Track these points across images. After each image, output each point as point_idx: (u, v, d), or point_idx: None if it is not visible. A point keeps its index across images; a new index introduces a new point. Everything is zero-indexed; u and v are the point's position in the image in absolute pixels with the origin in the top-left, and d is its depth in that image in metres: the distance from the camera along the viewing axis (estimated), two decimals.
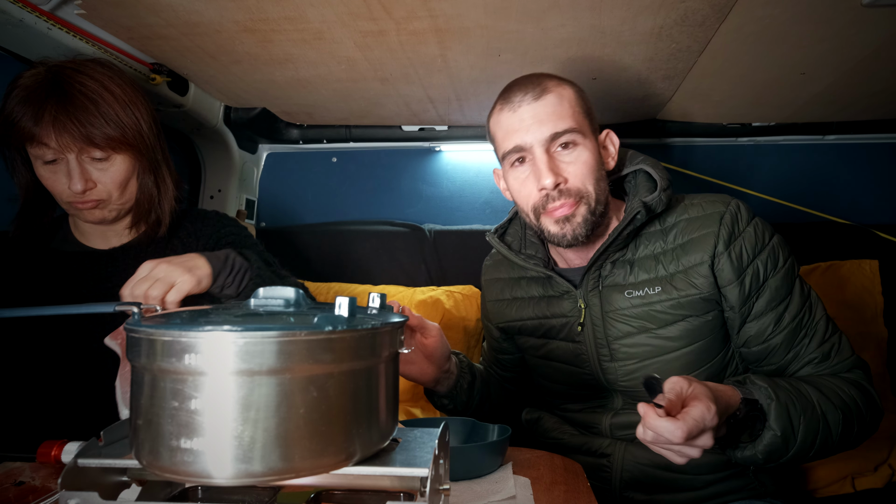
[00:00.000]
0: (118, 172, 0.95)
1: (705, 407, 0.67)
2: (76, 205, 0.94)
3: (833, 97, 1.42)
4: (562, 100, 0.90)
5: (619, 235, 0.91)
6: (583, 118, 0.92)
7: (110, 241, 1.04)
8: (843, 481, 1.19)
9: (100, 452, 0.48)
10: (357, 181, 1.88)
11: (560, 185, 0.89)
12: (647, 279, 0.93)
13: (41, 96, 0.89)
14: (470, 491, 0.71)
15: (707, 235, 0.90)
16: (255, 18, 1.03)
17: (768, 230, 0.92)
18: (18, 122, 0.89)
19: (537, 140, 0.89)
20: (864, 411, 0.85)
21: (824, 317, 0.91)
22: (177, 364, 0.41)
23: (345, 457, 0.44)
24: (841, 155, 1.74)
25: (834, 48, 1.14)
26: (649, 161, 0.99)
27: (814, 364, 0.89)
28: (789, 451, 0.80)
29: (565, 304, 1.00)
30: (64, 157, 0.92)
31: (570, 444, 1.03)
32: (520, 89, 0.91)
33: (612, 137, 0.99)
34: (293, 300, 0.51)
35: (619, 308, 0.94)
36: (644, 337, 0.93)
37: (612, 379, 0.97)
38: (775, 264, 0.90)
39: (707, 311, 0.91)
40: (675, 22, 1.04)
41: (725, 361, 0.95)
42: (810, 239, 1.60)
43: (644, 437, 0.70)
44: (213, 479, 0.41)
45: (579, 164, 0.90)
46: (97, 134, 0.90)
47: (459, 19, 1.03)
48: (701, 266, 0.90)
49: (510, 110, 0.91)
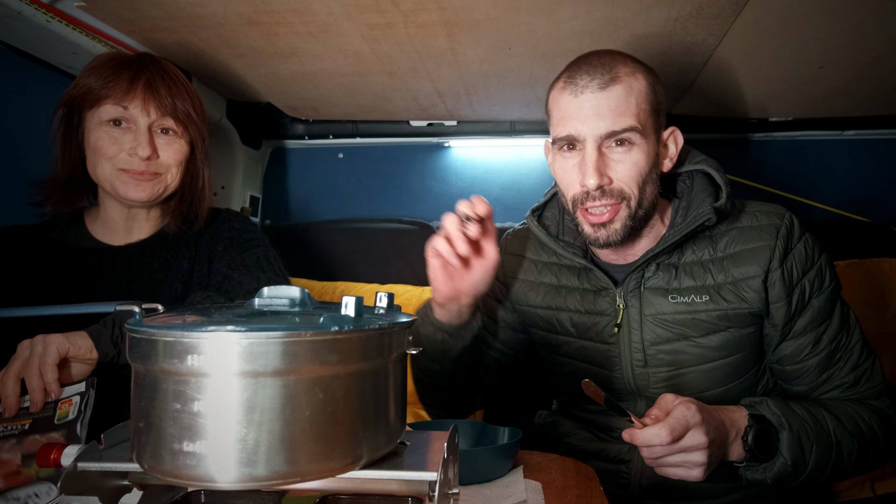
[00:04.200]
0: (180, 150, 1.00)
1: (685, 406, 0.73)
2: (132, 174, 0.96)
3: (852, 91, 1.40)
4: (630, 93, 0.83)
5: (679, 238, 0.88)
6: (648, 115, 0.85)
7: (131, 235, 1.04)
8: (863, 485, 1.19)
9: (100, 456, 0.48)
10: (364, 178, 1.87)
11: (604, 185, 0.84)
12: (692, 286, 0.89)
13: (139, 65, 0.96)
14: (480, 495, 0.70)
15: (762, 249, 0.87)
16: (259, 11, 1.02)
17: (817, 247, 0.90)
18: (105, 82, 0.92)
19: (592, 134, 0.83)
20: (882, 441, 0.85)
21: (860, 340, 0.90)
22: (179, 365, 0.40)
23: (351, 460, 0.44)
24: (860, 151, 1.71)
25: (853, 41, 1.12)
26: (712, 163, 0.93)
27: (844, 388, 0.89)
28: (799, 477, 0.82)
29: (602, 302, 0.95)
30: (134, 124, 0.95)
31: (587, 449, 1.00)
32: (587, 71, 0.84)
33: (677, 136, 0.92)
34: (298, 300, 0.50)
35: (660, 312, 0.90)
36: (683, 344, 0.90)
37: (642, 385, 0.93)
38: (821, 284, 0.88)
39: (750, 324, 0.89)
40: (689, 14, 1.02)
41: (758, 376, 0.94)
42: (829, 237, 1.57)
43: (648, 457, 0.74)
44: (217, 483, 0.40)
45: (629, 166, 0.84)
46: (181, 108, 0.98)
47: (469, 11, 1.01)
48: (753, 280, 0.86)
49: (572, 93, 0.84)
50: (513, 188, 1.82)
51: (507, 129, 1.69)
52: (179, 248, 1.05)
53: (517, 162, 1.82)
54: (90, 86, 0.93)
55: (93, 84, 0.93)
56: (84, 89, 0.93)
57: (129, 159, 0.95)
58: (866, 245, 1.55)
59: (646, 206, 0.88)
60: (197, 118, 1.01)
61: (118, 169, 0.95)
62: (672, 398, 0.76)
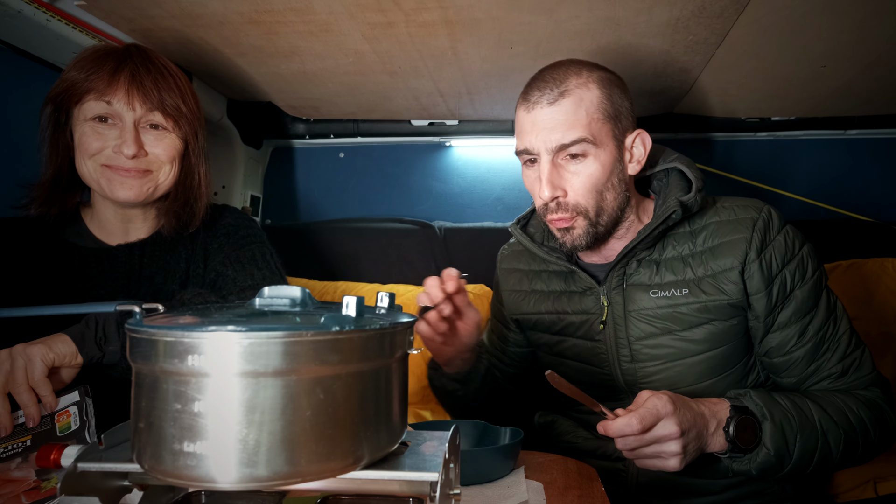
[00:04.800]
0: (171, 146, 0.95)
1: (656, 398, 0.76)
2: (118, 171, 0.91)
3: (854, 91, 1.39)
4: (579, 105, 0.86)
5: (651, 234, 0.89)
6: (602, 124, 0.87)
7: (128, 236, 1.01)
8: (865, 486, 1.18)
9: (100, 456, 0.48)
10: (365, 177, 1.86)
11: (558, 198, 0.88)
12: (673, 280, 0.91)
13: (123, 56, 0.91)
14: (481, 496, 0.70)
15: (738, 241, 0.88)
16: (260, 10, 1.02)
17: (798, 239, 0.91)
18: (87, 75, 0.88)
19: (544, 148, 0.87)
20: (871, 431, 0.85)
21: (848, 331, 0.90)
22: (179, 365, 0.40)
23: (352, 460, 0.43)
24: (863, 150, 1.70)
25: (855, 40, 1.12)
26: (684, 160, 0.96)
27: (832, 379, 0.89)
28: (784, 468, 0.82)
29: (587, 301, 0.97)
30: (119, 120, 0.90)
31: (584, 447, 1.01)
32: (539, 87, 0.88)
33: (644, 139, 0.93)
34: (299, 299, 0.50)
35: (642, 308, 0.92)
36: (667, 339, 0.91)
37: (630, 381, 0.95)
38: (803, 275, 0.89)
39: (732, 316, 0.90)
40: (692, 13, 1.02)
41: (747, 368, 0.94)
42: (831, 236, 1.57)
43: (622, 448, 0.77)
44: (217, 483, 0.40)
45: (583, 178, 0.87)
46: (168, 102, 0.92)
47: (470, 10, 1.01)
48: (731, 272, 0.88)
49: (525, 109, 0.89)
50: (514, 187, 1.82)
51: (508, 129, 1.68)
52: (176, 248, 1.02)
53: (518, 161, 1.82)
54: (73, 79, 0.89)
55: (75, 77, 0.89)
56: (67, 84, 0.90)
57: (114, 156, 0.90)
58: (868, 245, 1.54)
59: (609, 211, 0.90)
60: (188, 112, 0.95)
61: (102, 165, 0.90)
62: (647, 393, 0.78)
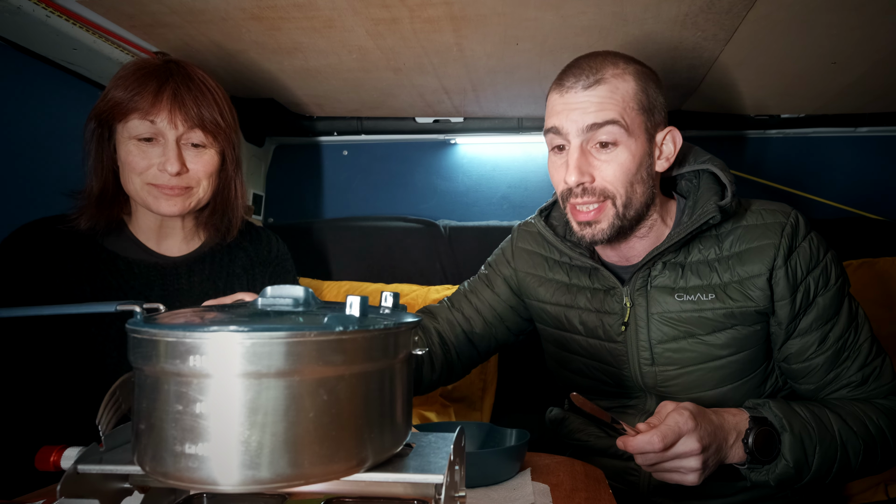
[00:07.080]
0: (211, 162, 0.99)
1: (678, 413, 0.75)
2: (163, 189, 0.95)
3: (865, 87, 1.38)
4: (614, 92, 0.85)
5: (684, 236, 0.88)
6: (636, 115, 0.86)
7: (170, 247, 1.05)
8: (876, 488, 1.17)
9: (101, 458, 0.47)
10: (369, 175, 1.85)
11: (585, 183, 0.86)
12: (699, 285, 0.90)
13: (165, 75, 0.94)
14: (487, 498, 0.69)
15: (766, 247, 0.87)
16: (262, 6, 1.01)
17: (823, 246, 0.89)
18: (132, 96, 0.91)
19: (574, 128, 0.85)
20: (890, 440, 0.85)
21: (869, 339, 0.89)
22: (181, 366, 0.39)
23: (356, 462, 0.43)
24: (874, 148, 1.68)
25: (866, 36, 1.10)
26: (717, 162, 0.94)
27: (852, 387, 0.88)
28: (803, 479, 0.82)
29: (611, 301, 0.95)
30: (162, 138, 0.94)
31: (596, 446, 1.00)
32: (575, 73, 0.87)
33: (675, 136, 0.91)
34: (302, 299, 0.49)
35: (666, 311, 0.91)
36: (689, 342, 0.90)
37: (650, 383, 0.94)
38: (826, 282, 0.88)
39: (756, 322, 0.89)
40: (700, 9, 1.01)
41: (766, 374, 0.93)
42: (842, 235, 1.56)
43: (642, 464, 0.77)
44: (219, 485, 0.39)
45: (614, 166, 0.85)
46: (208, 118, 0.96)
47: (475, 6, 1.00)
48: (758, 278, 0.87)
49: (559, 93, 0.88)
50: (520, 186, 1.81)
51: (514, 126, 1.67)
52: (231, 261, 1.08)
53: (525, 159, 1.81)
54: (117, 98, 0.93)
55: (120, 97, 0.92)
56: (112, 102, 0.93)
57: (158, 174, 0.94)
58: (879, 243, 1.53)
59: (636, 205, 0.88)
60: (225, 125, 0.99)
61: (148, 184, 0.95)
62: (670, 406, 0.78)
